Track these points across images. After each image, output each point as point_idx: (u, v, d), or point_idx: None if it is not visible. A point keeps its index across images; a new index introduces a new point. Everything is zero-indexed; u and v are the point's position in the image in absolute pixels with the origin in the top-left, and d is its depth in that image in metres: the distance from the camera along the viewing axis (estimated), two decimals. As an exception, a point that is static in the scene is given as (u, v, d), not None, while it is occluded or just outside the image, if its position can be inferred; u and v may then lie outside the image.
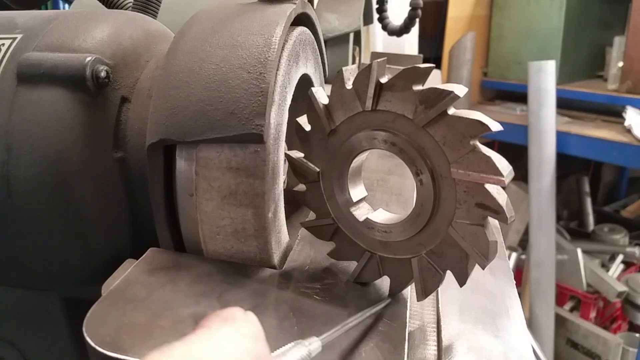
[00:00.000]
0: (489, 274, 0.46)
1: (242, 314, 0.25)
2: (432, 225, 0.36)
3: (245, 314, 0.25)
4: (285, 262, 0.43)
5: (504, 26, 2.62)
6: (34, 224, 0.42)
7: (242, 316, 0.25)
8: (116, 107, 0.45)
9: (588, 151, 2.12)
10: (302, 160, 0.42)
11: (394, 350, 0.33)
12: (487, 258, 0.33)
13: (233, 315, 0.25)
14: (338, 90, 0.38)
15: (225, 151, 0.39)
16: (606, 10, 2.57)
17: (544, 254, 2.12)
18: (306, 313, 0.36)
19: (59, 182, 0.41)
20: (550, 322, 2.12)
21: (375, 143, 0.37)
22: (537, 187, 2.14)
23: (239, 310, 0.25)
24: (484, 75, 2.73)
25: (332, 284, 0.40)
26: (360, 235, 0.40)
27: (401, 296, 0.40)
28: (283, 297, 0.38)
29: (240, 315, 0.25)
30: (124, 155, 0.45)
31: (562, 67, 2.31)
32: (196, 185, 0.40)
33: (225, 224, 0.40)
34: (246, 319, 0.25)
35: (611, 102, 2.22)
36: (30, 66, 0.42)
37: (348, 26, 1.03)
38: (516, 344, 0.37)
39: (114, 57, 0.45)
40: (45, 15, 0.48)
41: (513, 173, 0.32)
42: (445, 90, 0.32)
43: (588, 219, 2.58)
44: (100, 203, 0.44)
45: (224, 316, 0.24)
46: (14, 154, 0.41)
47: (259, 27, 0.40)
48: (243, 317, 0.25)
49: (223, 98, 0.38)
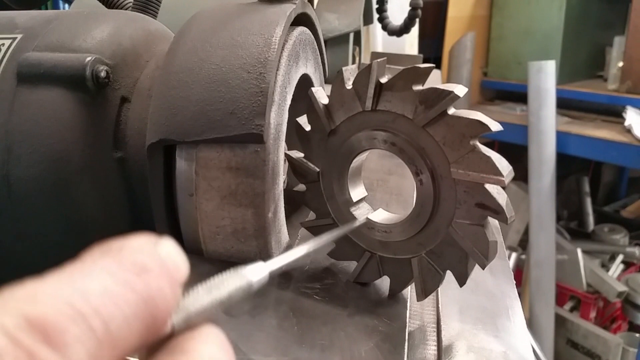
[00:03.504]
0: (489, 274, 0.46)
1: (138, 241, 0.18)
2: (432, 225, 0.36)
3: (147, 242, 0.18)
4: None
5: (504, 26, 2.62)
6: (33, 224, 0.42)
7: (136, 244, 0.17)
8: (116, 107, 0.45)
9: (588, 151, 2.12)
10: (302, 160, 0.42)
11: (394, 350, 0.33)
12: (487, 258, 0.33)
13: (122, 244, 0.17)
14: (338, 90, 0.38)
15: (225, 151, 0.39)
16: (606, 10, 2.57)
17: (544, 254, 2.12)
18: (306, 313, 0.36)
19: (59, 182, 0.41)
20: (550, 322, 2.12)
21: (375, 143, 0.37)
22: (537, 187, 2.14)
23: (138, 238, 0.18)
24: (484, 75, 2.73)
25: (332, 284, 0.40)
26: (360, 235, 0.40)
27: (401, 296, 0.40)
28: (283, 297, 0.38)
29: (134, 243, 0.17)
30: (124, 155, 0.45)
31: (562, 67, 2.31)
32: (196, 185, 0.40)
33: (225, 224, 0.40)
34: (140, 247, 0.17)
35: (611, 102, 2.22)
36: (30, 66, 0.42)
37: (348, 26, 1.03)
38: (516, 344, 0.37)
39: (114, 57, 0.45)
40: (45, 15, 0.48)
41: (513, 173, 0.32)
42: (445, 90, 0.32)
43: (588, 219, 2.58)
44: (100, 203, 0.44)
45: (108, 246, 0.17)
46: (14, 154, 0.41)
47: (259, 27, 0.40)
48: (135, 246, 0.17)
49: (223, 98, 0.38)
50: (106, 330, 0.15)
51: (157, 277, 0.17)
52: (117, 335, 0.15)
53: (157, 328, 0.17)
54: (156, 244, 0.18)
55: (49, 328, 0.14)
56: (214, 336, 0.18)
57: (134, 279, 0.16)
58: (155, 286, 0.17)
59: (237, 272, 0.21)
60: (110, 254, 0.17)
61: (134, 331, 0.16)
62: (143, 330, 0.16)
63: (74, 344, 0.14)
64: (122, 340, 0.15)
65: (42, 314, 0.14)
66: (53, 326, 0.14)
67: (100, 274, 0.16)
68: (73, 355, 0.14)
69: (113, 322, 0.15)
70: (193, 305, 0.18)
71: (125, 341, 0.15)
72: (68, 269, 0.16)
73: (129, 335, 0.15)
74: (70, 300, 0.14)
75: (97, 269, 0.16)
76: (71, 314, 0.14)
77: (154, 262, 0.17)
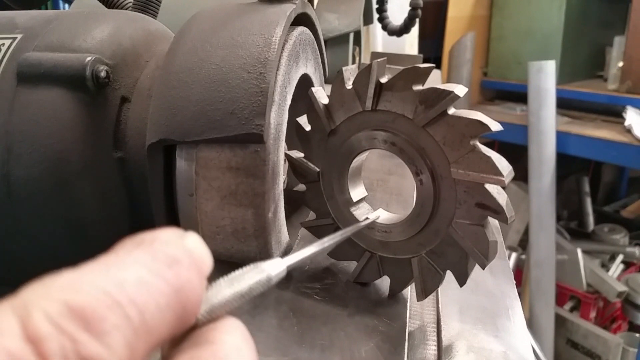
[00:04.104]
0: (489, 274, 0.46)
1: (167, 234, 0.18)
2: (432, 225, 0.36)
3: (176, 235, 0.18)
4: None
5: (504, 26, 2.62)
6: (34, 224, 0.42)
7: (166, 237, 0.18)
8: (116, 107, 0.45)
9: (588, 151, 2.12)
10: (302, 160, 0.42)
11: (394, 350, 0.33)
12: (487, 258, 0.33)
13: (153, 237, 0.18)
14: (338, 90, 0.38)
15: (225, 151, 0.39)
16: (606, 10, 2.57)
17: (544, 254, 2.12)
18: (306, 313, 0.36)
19: (59, 182, 0.41)
20: (550, 322, 2.12)
21: (375, 143, 0.37)
22: (537, 187, 2.14)
23: (167, 231, 0.18)
24: (484, 75, 2.73)
25: (332, 284, 0.40)
26: (360, 235, 0.40)
27: (401, 296, 0.40)
28: (283, 297, 0.38)
29: (164, 236, 0.18)
30: (124, 155, 0.45)
31: (562, 67, 2.31)
32: (196, 185, 0.40)
33: (225, 224, 0.40)
34: (170, 240, 0.18)
35: (611, 102, 2.22)
36: (30, 66, 0.42)
37: (348, 26, 1.03)
38: (516, 344, 0.37)
39: (114, 57, 0.45)
40: (45, 15, 0.48)
41: (513, 173, 0.32)
42: (445, 90, 0.32)
43: (588, 219, 2.58)
44: (100, 203, 0.44)
45: (140, 238, 0.18)
46: (14, 154, 0.41)
47: (259, 27, 0.40)
48: (165, 239, 0.18)
49: (223, 98, 0.38)
50: (142, 319, 0.15)
51: (187, 269, 0.17)
52: (152, 324, 0.15)
53: (186, 319, 0.17)
54: (183, 237, 0.18)
55: (89, 316, 0.14)
56: (236, 327, 0.19)
57: (166, 270, 0.17)
58: (186, 277, 0.17)
59: (257, 266, 0.21)
60: (143, 246, 0.17)
61: (167, 321, 0.16)
62: (174, 320, 0.16)
63: (113, 331, 0.14)
64: (156, 330, 0.16)
65: (83, 302, 0.14)
66: (93, 314, 0.14)
67: (135, 265, 0.16)
68: (112, 342, 0.14)
69: (148, 312, 0.15)
70: (216, 297, 0.19)
71: (159, 330, 0.16)
72: (103, 260, 0.16)
73: (162, 325, 0.16)
74: (108, 289, 0.15)
75: (131, 260, 0.16)
76: (109, 303, 0.15)
77: (183, 255, 0.17)
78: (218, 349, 0.17)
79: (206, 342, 0.17)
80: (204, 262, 0.18)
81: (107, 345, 0.14)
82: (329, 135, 0.39)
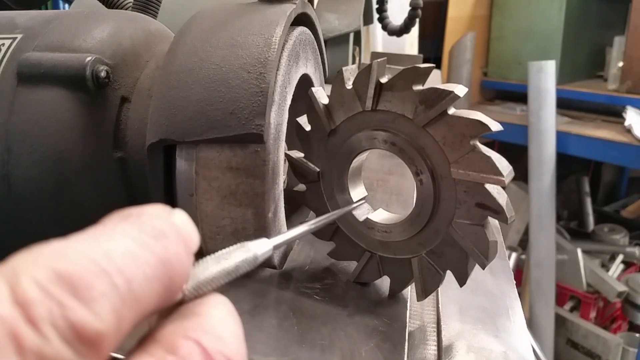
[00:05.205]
0: (489, 274, 0.46)
1: (155, 209, 0.18)
2: (432, 225, 0.36)
3: (163, 210, 0.19)
4: (285, 262, 0.43)
5: (504, 26, 2.62)
6: (34, 224, 0.42)
7: (153, 211, 0.18)
8: (116, 107, 0.45)
9: (588, 151, 2.12)
10: (302, 160, 0.42)
11: (394, 350, 0.33)
12: (487, 258, 0.33)
13: (140, 211, 0.18)
14: (338, 90, 0.38)
15: (225, 151, 0.39)
16: (606, 10, 2.57)
17: (544, 254, 2.12)
18: (306, 313, 0.36)
19: (59, 182, 0.41)
20: (550, 322, 2.12)
21: (375, 143, 0.37)
22: (537, 187, 2.14)
23: (154, 206, 0.19)
24: (484, 75, 2.73)
25: (332, 284, 0.40)
26: (360, 235, 0.40)
27: (401, 296, 0.40)
28: (283, 297, 0.38)
29: (152, 210, 0.18)
30: (124, 155, 0.45)
31: (562, 67, 2.31)
32: (196, 185, 0.40)
33: (225, 224, 0.40)
34: (157, 214, 0.18)
35: (611, 102, 2.22)
36: (30, 66, 0.42)
37: (348, 26, 1.03)
38: (516, 344, 0.37)
39: (114, 57, 0.45)
40: (45, 15, 0.48)
41: (513, 173, 0.32)
42: (445, 90, 0.32)
43: (588, 219, 2.58)
44: (100, 203, 0.44)
45: (127, 212, 0.18)
46: (14, 154, 0.41)
47: (259, 27, 0.40)
48: (152, 213, 0.18)
49: (223, 98, 0.38)
50: (129, 288, 0.15)
51: (174, 242, 0.18)
52: (139, 293, 0.16)
53: (173, 291, 0.18)
54: (171, 213, 0.19)
55: (77, 282, 0.14)
56: (222, 302, 0.19)
57: (153, 242, 0.17)
58: (173, 250, 0.17)
59: (243, 246, 0.22)
60: (130, 219, 0.18)
61: (154, 291, 0.16)
62: (161, 292, 0.17)
63: (101, 298, 0.15)
64: (143, 299, 0.16)
65: (71, 269, 0.15)
66: (81, 281, 0.14)
67: (122, 237, 0.17)
68: (99, 309, 0.14)
69: (135, 281, 0.16)
70: (202, 274, 0.19)
71: (146, 300, 0.16)
72: (91, 231, 0.17)
73: (149, 295, 0.16)
74: (96, 258, 0.15)
75: (118, 231, 0.17)
76: (97, 271, 0.15)
77: (170, 229, 0.18)
78: (204, 321, 0.17)
79: (192, 314, 0.18)
80: (190, 237, 0.19)
81: (94, 312, 0.14)
82: (329, 135, 0.39)
